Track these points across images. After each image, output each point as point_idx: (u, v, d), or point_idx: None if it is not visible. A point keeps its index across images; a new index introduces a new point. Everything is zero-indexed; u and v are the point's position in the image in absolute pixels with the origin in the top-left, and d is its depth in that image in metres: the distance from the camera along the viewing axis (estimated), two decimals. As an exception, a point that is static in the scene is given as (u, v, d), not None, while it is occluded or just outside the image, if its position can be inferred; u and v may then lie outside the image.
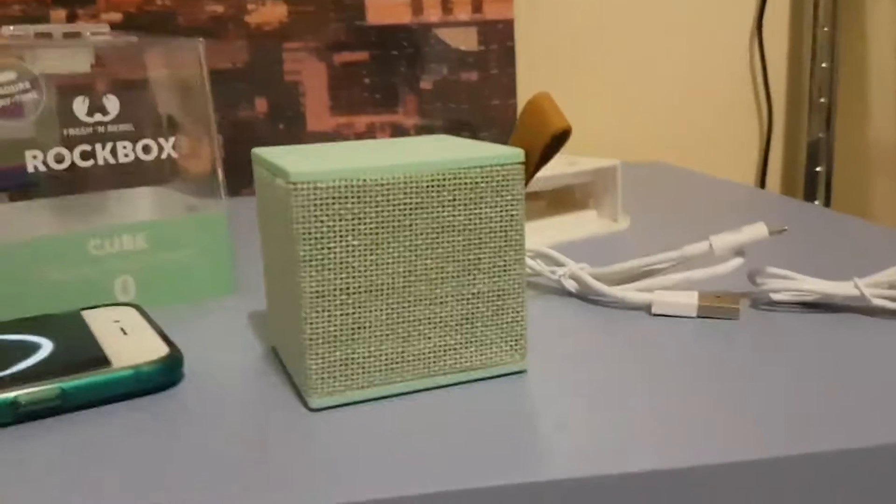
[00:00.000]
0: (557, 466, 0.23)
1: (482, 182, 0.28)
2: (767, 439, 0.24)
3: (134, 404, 0.29)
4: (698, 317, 0.35)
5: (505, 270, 0.29)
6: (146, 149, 0.39)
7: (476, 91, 0.76)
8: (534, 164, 0.29)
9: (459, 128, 0.77)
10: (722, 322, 0.34)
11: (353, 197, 0.26)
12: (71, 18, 0.72)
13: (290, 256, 0.27)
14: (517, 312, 0.29)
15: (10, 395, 0.27)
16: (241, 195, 0.73)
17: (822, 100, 0.86)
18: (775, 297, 0.35)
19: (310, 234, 0.26)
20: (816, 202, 0.88)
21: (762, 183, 0.90)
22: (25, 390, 0.27)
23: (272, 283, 0.32)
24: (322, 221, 0.26)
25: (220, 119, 0.72)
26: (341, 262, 0.27)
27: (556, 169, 0.51)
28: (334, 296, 0.27)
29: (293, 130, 0.74)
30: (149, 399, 0.29)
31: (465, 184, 0.28)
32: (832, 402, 0.27)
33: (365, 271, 0.27)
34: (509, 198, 0.28)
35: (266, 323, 0.37)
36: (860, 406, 0.26)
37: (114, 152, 0.39)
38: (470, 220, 0.28)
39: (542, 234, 0.51)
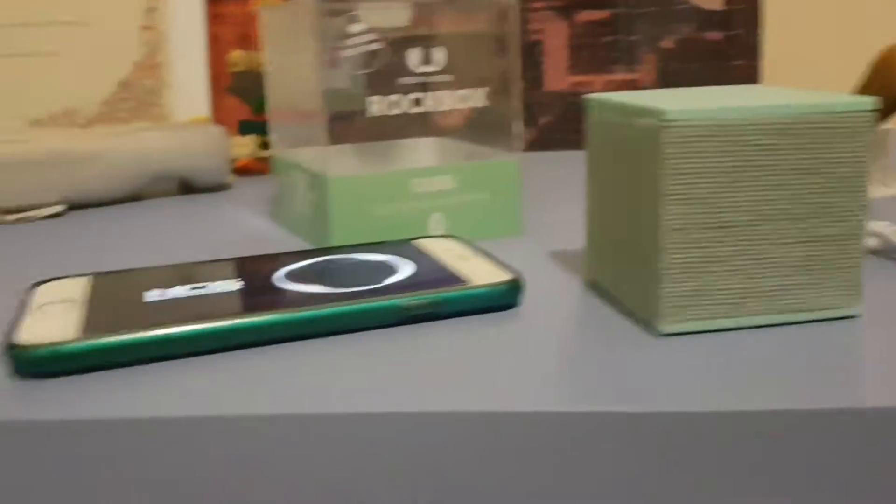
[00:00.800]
0: (875, 395, 0.25)
1: (835, 127, 0.29)
2: None
3: (484, 319, 0.33)
4: None
5: (849, 216, 0.30)
6: (463, 98, 0.44)
7: (719, 52, 0.76)
8: (881, 115, 0.30)
9: (696, 88, 0.77)
10: None
11: (718, 136, 0.29)
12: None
13: (649, 192, 0.30)
14: (856, 259, 0.31)
15: (399, 300, 0.32)
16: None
17: None
18: None
19: (678, 170, 0.29)
20: None
21: None
22: (410, 297, 0.32)
23: (606, 220, 0.35)
24: (690, 158, 0.29)
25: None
26: (701, 199, 0.29)
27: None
28: (692, 229, 0.29)
29: (530, 89, 0.77)
30: (494, 316, 0.34)
31: (820, 128, 0.29)
32: None
33: (720, 208, 0.29)
34: (859, 144, 0.30)
35: (574, 259, 0.41)
36: None
37: (437, 101, 0.43)
38: (820, 164, 0.30)
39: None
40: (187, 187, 0.63)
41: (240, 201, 0.59)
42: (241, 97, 0.72)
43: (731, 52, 0.76)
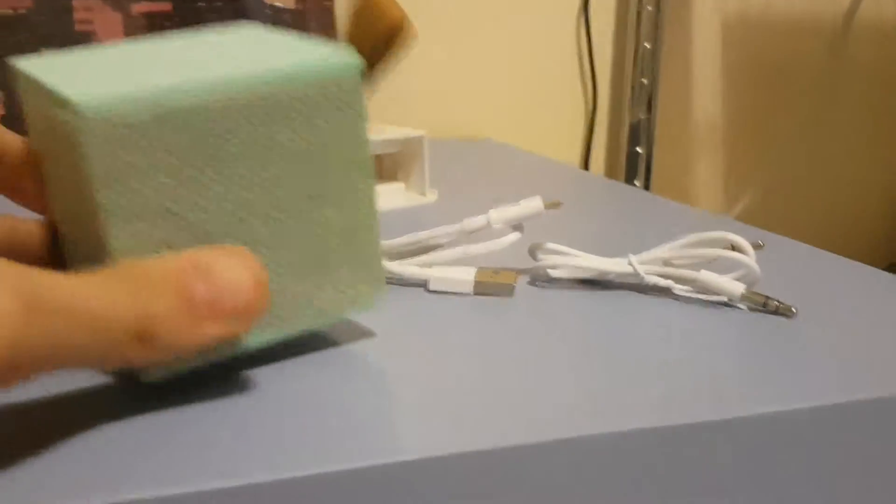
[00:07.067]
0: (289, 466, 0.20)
1: (319, 95, 0.24)
2: (525, 425, 0.23)
3: None
4: (475, 293, 0.33)
5: (356, 198, 0.25)
6: None
7: (293, 53, 0.72)
8: (368, 62, 0.26)
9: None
10: (497, 299, 0.32)
11: (156, 129, 0.21)
12: None
13: (88, 208, 0.22)
14: (372, 246, 0.26)
15: None
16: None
17: (645, 81, 0.88)
18: (553, 273, 0.34)
19: (110, 177, 0.21)
20: (636, 182, 0.90)
21: (586, 162, 0.91)
22: None
23: (67, 234, 0.26)
24: (124, 161, 0.21)
25: (-3, 69, 0.64)
26: (156, 209, 0.22)
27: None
28: (148, 248, 0.22)
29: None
30: None
31: (300, 100, 0.24)
32: (593, 382, 0.25)
33: (186, 216, 0.22)
34: (352, 114, 0.25)
35: None
36: (619, 386, 0.25)
37: None
38: (310, 144, 0.24)
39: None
40: None
41: None
42: None
43: (304, 54, 0.72)
